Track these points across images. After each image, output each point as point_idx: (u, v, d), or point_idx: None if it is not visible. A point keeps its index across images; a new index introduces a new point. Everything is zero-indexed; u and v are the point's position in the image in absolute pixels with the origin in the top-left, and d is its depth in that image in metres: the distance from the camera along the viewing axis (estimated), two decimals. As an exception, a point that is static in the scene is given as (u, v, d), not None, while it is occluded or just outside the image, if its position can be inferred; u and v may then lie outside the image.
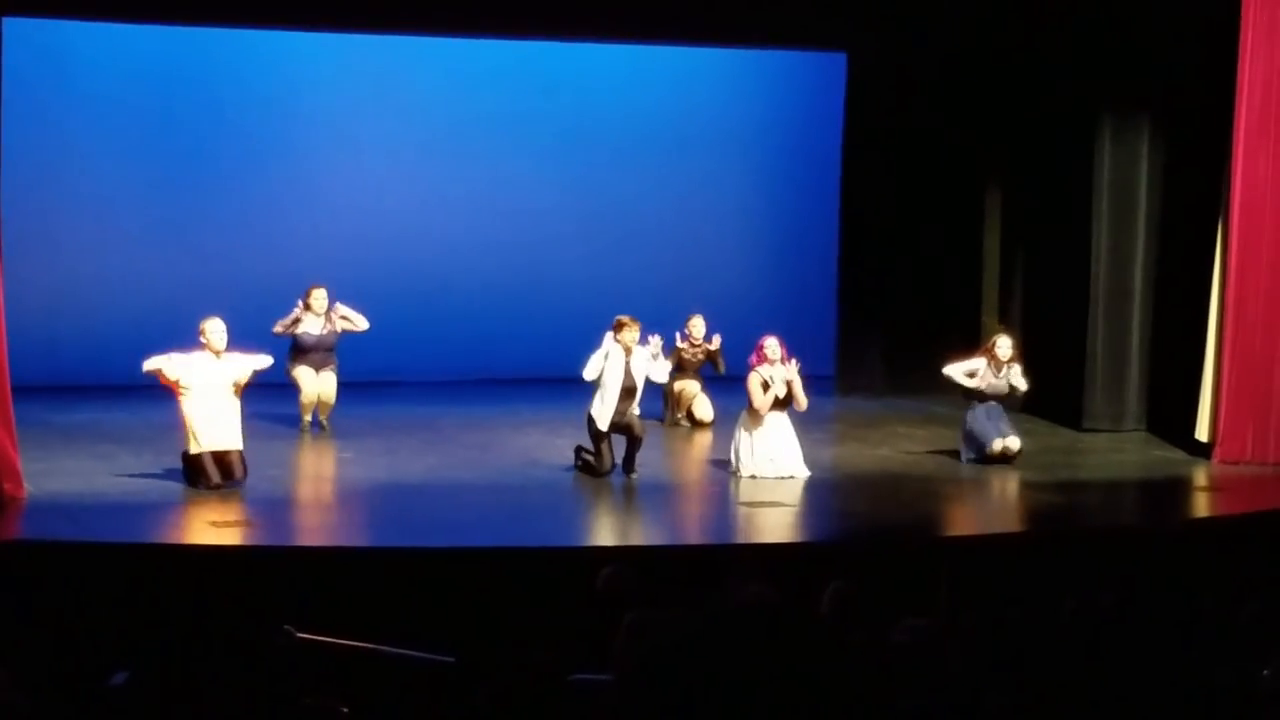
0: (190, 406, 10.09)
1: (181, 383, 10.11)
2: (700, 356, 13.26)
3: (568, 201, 15.92)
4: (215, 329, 10.21)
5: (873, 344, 15.28)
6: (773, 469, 10.86)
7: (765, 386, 10.89)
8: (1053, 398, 13.26)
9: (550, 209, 15.81)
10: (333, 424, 12.61)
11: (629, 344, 10.77)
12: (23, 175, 13.81)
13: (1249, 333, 11.75)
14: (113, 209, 14.91)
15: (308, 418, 12.49)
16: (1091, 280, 13.27)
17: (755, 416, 10.91)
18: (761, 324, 11.97)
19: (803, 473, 10.95)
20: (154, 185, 15.02)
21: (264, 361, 10.52)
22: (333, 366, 12.54)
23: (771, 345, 11.02)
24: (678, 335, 13.10)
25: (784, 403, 10.99)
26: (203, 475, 10.02)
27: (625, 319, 10.84)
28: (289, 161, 15.38)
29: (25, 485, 9.79)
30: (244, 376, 10.29)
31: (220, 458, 10.09)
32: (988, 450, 11.45)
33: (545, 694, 4.20)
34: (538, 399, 13.98)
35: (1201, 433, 12.07)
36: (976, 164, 14.94)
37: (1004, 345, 11.74)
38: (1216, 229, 11.98)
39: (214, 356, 10.19)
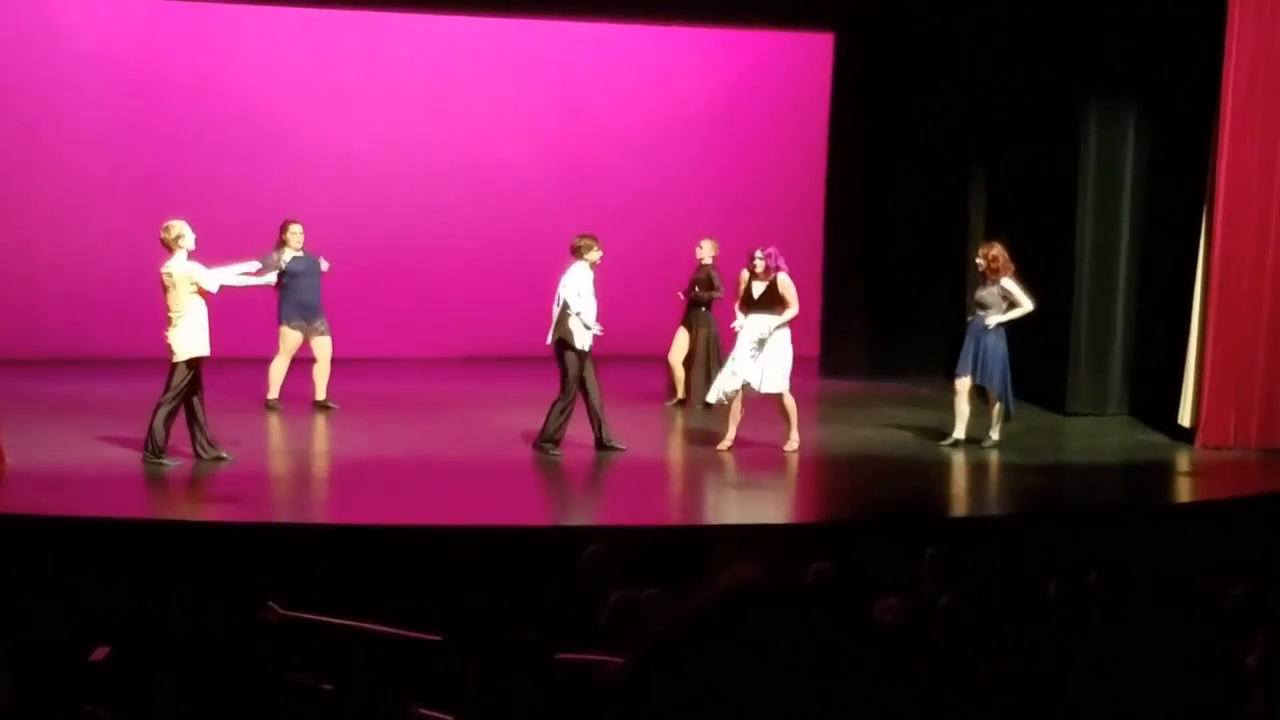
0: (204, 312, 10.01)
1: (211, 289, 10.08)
2: (703, 276, 13.14)
3: (556, 179, 15.90)
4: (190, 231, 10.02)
5: (857, 325, 15.28)
6: (739, 379, 10.86)
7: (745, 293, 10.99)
8: (1037, 381, 13.28)
9: (538, 187, 15.79)
10: (312, 399, 12.53)
11: (595, 261, 10.79)
12: (2, 147, 13.72)
13: (1232, 318, 11.77)
14: (96, 180, 14.84)
15: (274, 393, 12.34)
16: (1076, 264, 13.28)
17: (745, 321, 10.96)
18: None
19: (768, 388, 10.86)
20: (137, 157, 14.95)
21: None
22: (324, 327, 12.43)
23: (757, 258, 10.98)
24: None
25: (767, 302, 10.95)
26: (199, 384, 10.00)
27: (585, 239, 10.81)
28: (276, 136, 15.32)
29: (7, 458, 9.75)
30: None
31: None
32: (955, 427, 11.47)
33: (531, 673, 4.20)
34: (524, 377, 13.96)
35: (1184, 417, 12.10)
36: (962, 147, 14.94)
37: (979, 260, 11.44)
38: (1201, 214, 11.99)
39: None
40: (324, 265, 12.43)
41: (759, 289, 10.96)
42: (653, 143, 16.12)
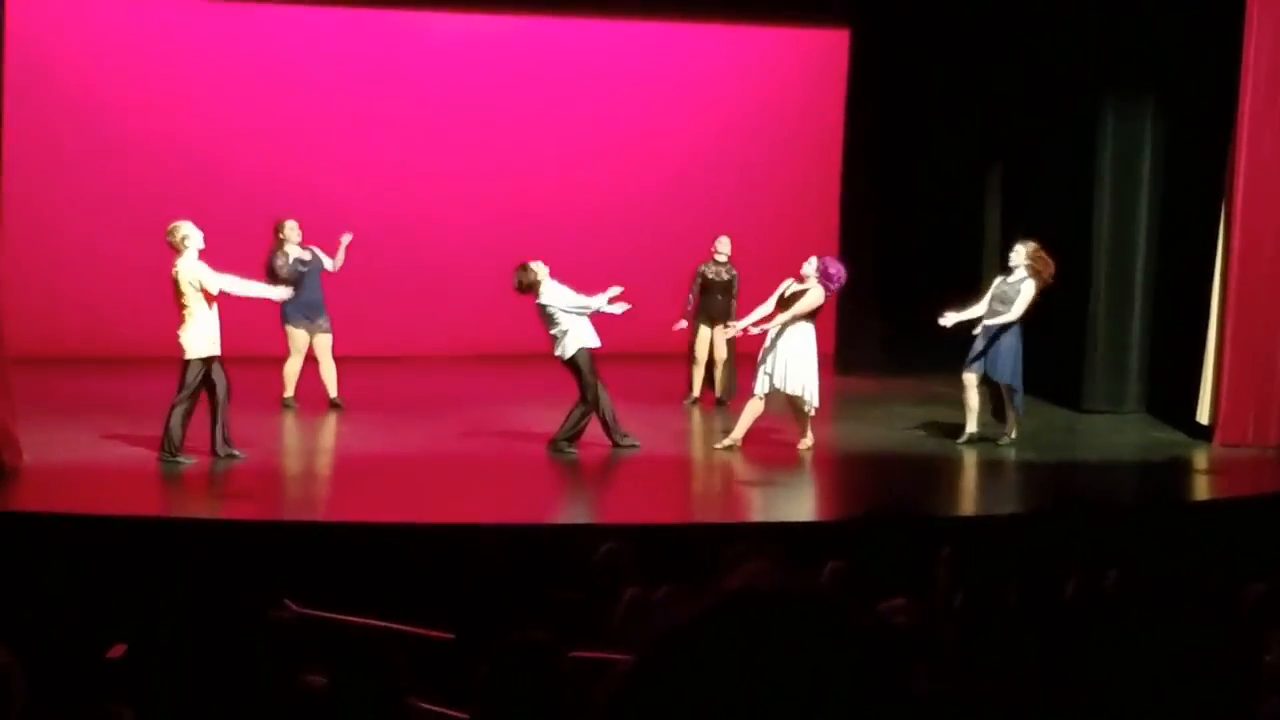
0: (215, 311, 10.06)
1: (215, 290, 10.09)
2: (725, 276, 13.12)
3: (568, 175, 15.89)
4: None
5: (872, 322, 15.25)
6: (768, 383, 10.85)
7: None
8: (1053, 378, 13.23)
9: (550, 182, 15.78)
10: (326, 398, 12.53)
11: (548, 274, 10.83)
12: (22, 144, 13.74)
13: (1251, 315, 11.71)
14: (116, 180, 14.87)
15: (290, 391, 12.34)
16: (1093, 260, 13.23)
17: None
18: (759, 301, 11.92)
19: (790, 388, 10.81)
20: (156, 158, 14.98)
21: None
22: (326, 325, 12.40)
23: (806, 264, 11.03)
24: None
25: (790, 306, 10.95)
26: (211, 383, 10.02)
27: (523, 276, 10.79)
28: (288, 133, 15.34)
29: (24, 456, 9.77)
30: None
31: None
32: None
33: (544, 671, 4.18)
34: (537, 374, 13.95)
35: (1203, 415, 12.04)
36: (978, 143, 14.90)
37: (1024, 259, 11.46)
38: (1220, 209, 11.94)
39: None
40: (328, 263, 12.39)
41: (792, 292, 10.94)
42: (665, 139, 16.09)
